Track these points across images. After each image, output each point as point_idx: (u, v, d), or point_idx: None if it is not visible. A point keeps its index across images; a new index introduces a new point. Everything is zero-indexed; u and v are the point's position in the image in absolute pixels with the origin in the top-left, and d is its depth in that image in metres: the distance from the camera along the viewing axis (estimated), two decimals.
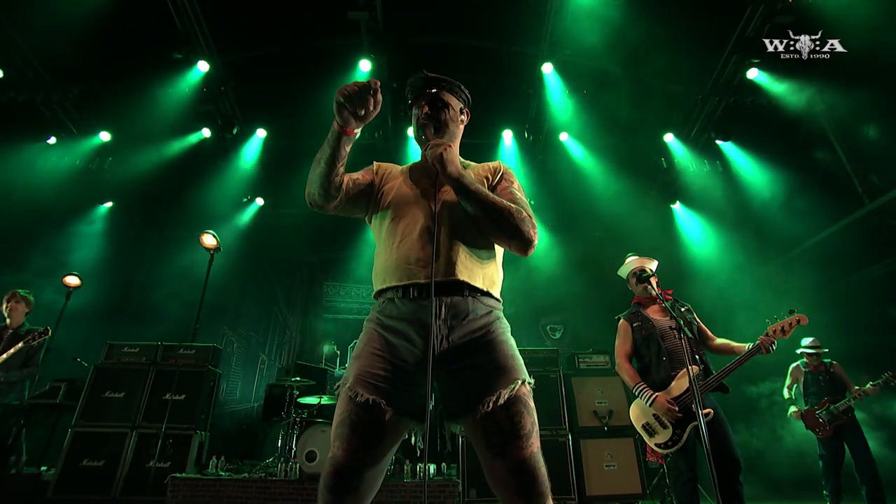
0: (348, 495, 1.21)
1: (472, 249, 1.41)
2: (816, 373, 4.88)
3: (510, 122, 8.19)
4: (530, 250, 1.40)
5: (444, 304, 1.33)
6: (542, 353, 4.97)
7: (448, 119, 1.59)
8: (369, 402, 1.25)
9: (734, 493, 2.36)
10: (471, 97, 1.73)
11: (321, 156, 1.42)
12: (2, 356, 3.35)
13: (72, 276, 5.90)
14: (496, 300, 1.46)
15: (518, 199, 1.48)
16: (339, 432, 1.25)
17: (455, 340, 1.32)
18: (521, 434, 1.21)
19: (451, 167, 1.39)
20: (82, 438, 4.37)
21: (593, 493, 4.38)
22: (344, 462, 1.22)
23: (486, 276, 1.43)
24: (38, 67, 6.67)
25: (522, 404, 1.25)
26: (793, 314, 2.66)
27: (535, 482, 1.17)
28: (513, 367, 1.30)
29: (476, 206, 1.37)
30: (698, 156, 7.93)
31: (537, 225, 1.45)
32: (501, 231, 1.38)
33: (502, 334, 1.38)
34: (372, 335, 1.38)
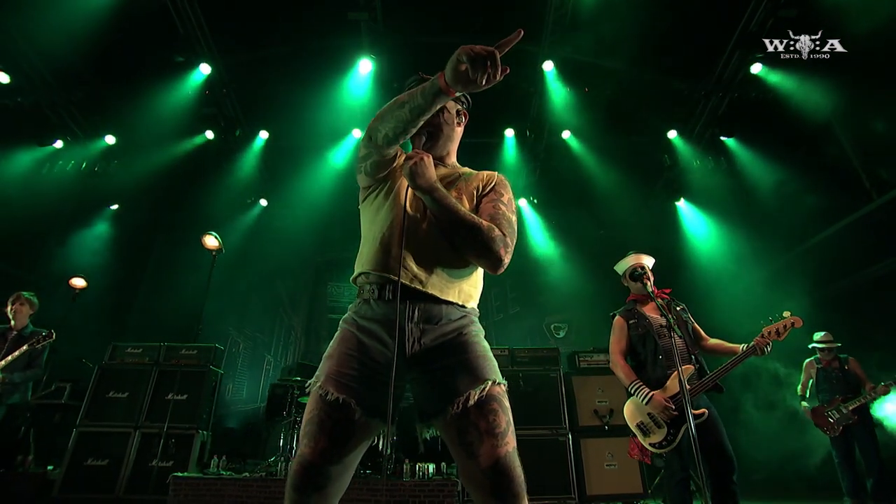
0: (315, 494, 1.21)
1: (447, 264, 1.39)
2: (829, 369, 4.78)
3: (511, 120, 8.16)
4: (500, 269, 1.37)
5: (418, 307, 1.34)
6: (542, 353, 4.95)
7: (442, 122, 1.59)
8: (339, 400, 1.25)
9: (729, 493, 2.33)
10: (470, 98, 1.69)
11: (411, 103, 1.32)
12: (7, 358, 3.40)
13: (78, 277, 6.00)
14: (470, 309, 1.45)
15: (499, 214, 1.44)
16: (308, 430, 1.26)
17: (427, 343, 1.32)
18: (496, 433, 1.20)
19: (421, 180, 1.35)
20: (87, 438, 4.43)
21: (594, 492, 4.36)
22: (311, 460, 1.22)
23: (462, 291, 1.42)
24: (43, 72, 6.75)
25: (497, 403, 1.24)
26: (788, 316, 2.63)
27: (510, 482, 1.16)
28: (484, 367, 1.30)
29: (445, 220, 1.36)
30: (702, 153, 7.85)
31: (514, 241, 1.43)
32: (469, 248, 1.36)
33: (474, 336, 1.38)
34: (346, 335, 1.38)
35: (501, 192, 1.52)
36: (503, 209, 1.46)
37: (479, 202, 1.51)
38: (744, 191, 7.66)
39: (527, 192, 9.31)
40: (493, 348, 4.62)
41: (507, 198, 1.53)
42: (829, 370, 4.76)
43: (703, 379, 2.57)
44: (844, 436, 4.47)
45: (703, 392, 2.58)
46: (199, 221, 7.81)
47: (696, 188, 8.06)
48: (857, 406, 4.44)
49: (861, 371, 4.69)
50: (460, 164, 1.67)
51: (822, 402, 4.67)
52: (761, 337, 2.62)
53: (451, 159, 1.67)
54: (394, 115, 1.36)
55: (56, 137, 7.30)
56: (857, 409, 4.45)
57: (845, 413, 4.45)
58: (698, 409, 2.49)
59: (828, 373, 4.75)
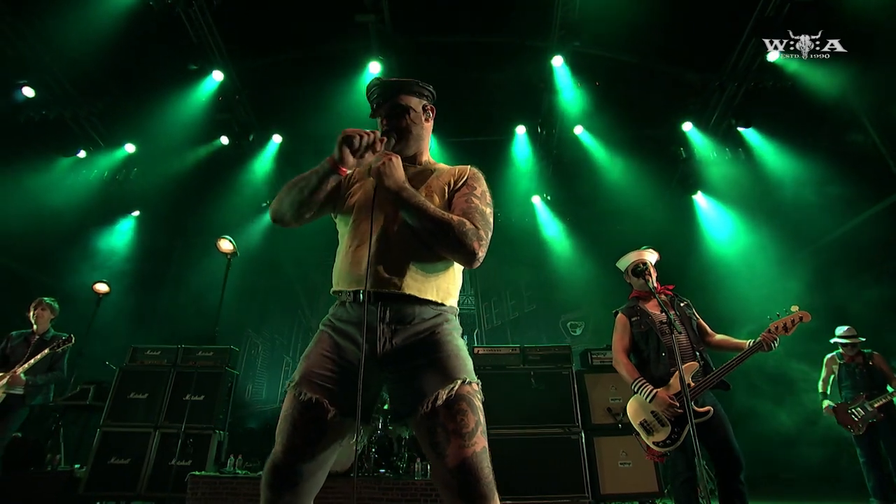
0: (287, 492, 1.23)
1: (422, 262, 1.39)
2: (853, 364, 4.61)
3: (523, 117, 8.13)
4: (475, 263, 1.36)
5: (390, 308, 1.34)
6: (553, 350, 4.90)
7: (409, 123, 1.57)
8: (312, 400, 1.27)
9: (736, 493, 2.27)
10: (434, 92, 1.68)
11: (304, 184, 1.42)
12: (30, 361, 3.54)
13: (101, 283, 6.19)
14: (448, 307, 1.44)
15: (472, 208, 1.43)
16: (282, 428, 1.29)
17: (398, 343, 1.32)
18: (463, 433, 1.18)
19: (389, 181, 1.37)
20: (110, 438, 4.56)
21: (608, 491, 4.29)
22: (283, 458, 1.24)
23: (440, 288, 1.41)
24: (66, 85, 7.00)
25: (466, 403, 1.23)
26: (795, 311, 2.55)
27: (476, 483, 1.14)
28: (454, 366, 1.29)
29: (415, 219, 1.35)
30: (719, 144, 7.67)
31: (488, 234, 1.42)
32: (442, 244, 1.36)
33: (447, 335, 1.36)
34: (322, 336, 1.41)
35: (474, 186, 1.50)
36: (476, 202, 1.45)
37: (451, 197, 1.49)
38: (763, 182, 7.45)
39: (540, 189, 9.24)
40: (505, 347, 4.64)
41: (479, 190, 1.51)
42: (853, 366, 4.59)
43: (707, 376, 2.51)
44: (869, 434, 4.31)
45: (710, 389, 2.52)
46: (217, 225, 7.99)
47: (713, 181, 7.88)
48: (882, 403, 4.27)
49: (887, 367, 4.51)
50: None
51: (846, 398, 4.51)
52: (768, 332, 2.55)
53: (423, 157, 1.65)
54: (290, 198, 1.45)
55: (79, 148, 7.58)
56: (882, 407, 4.28)
57: (870, 411, 4.29)
58: (703, 406, 2.44)
59: (851, 369, 4.59)
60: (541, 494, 4.18)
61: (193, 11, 6.06)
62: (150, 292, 8.27)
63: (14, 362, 3.59)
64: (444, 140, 8.48)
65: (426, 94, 1.65)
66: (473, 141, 8.67)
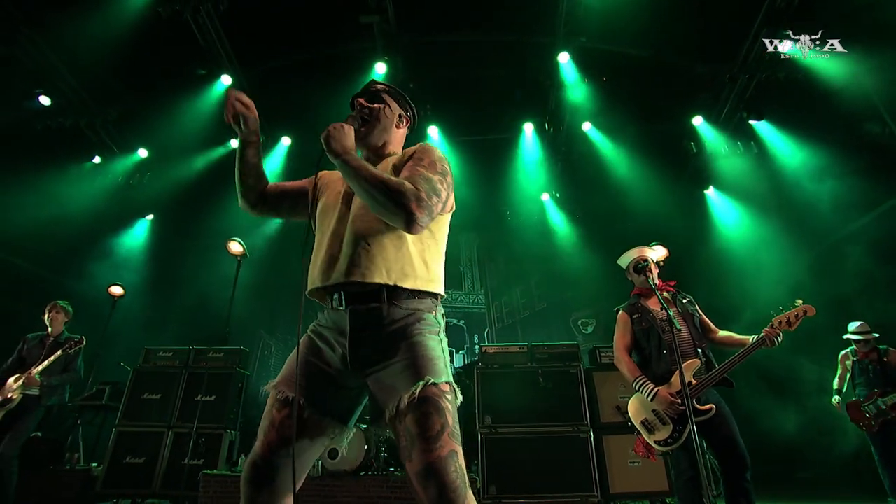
0: (266, 487, 1.24)
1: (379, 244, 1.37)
2: (866, 361, 4.51)
3: (530, 115, 8.09)
4: (414, 226, 1.29)
5: (358, 311, 1.34)
6: (561, 348, 4.87)
7: (380, 113, 1.59)
8: (289, 398, 1.30)
9: (742, 491, 2.23)
10: (415, 108, 1.73)
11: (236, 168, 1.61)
12: (44, 363, 3.63)
13: (116, 286, 6.33)
14: (421, 298, 1.39)
15: (415, 174, 1.37)
16: (262, 426, 1.32)
17: (369, 345, 1.33)
18: (427, 437, 1.15)
19: (336, 144, 1.34)
20: (125, 437, 4.66)
21: (617, 490, 4.25)
22: (261, 454, 1.27)
23: (419, 277, 1.38)
24: (81, 93, 7.17)
25: (431, 405, 1.19)
26: (799, 305, 2.50)
27: (441, 489, 1.10)
28: (422, 367, 1.25)
29: (355, 183, 1.32)
30: (731, 138, 7.55)
31: (433, 199, 1.33)
32: (379, 206, 1.29)
33: (419, 335, 1.32)
34: (306, 340, 1.44)
35: (421, 157, 1.46)
36: (421, 169, 1.39)
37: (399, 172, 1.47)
38: (776, 176, 7.31)
39: (549, 186, 9.19)
40: (513, 345, 4.62)
41: (427, 160, 1.44)
42: (866, 362, 4.49)
43: (709, 373, 2.47)
44: (883, 432, 4.21)
45: (713, 387, 2.48)
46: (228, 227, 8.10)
47: (725, 175, 7.76)
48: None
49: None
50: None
51: (859, 396, 4.40)
52: (771, 327, 2.50)
53: (388, 149, 1.63)
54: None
55: (94, 154, 7.76)
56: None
57: (884, 408, 4.19)
58: (706, 404, 2.40)
59: (864, 365, 4.49)
60: (549, 493, 4.16)
61: (201, 17, 6.15)
62: (163, 294, 8.41)
63: (30, 364, 3.69)
64: (452, 139, 8.48)
65: (408, 108, 1.69)
66: (481, 140, 8.66)
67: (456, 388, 1.31)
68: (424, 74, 7.54)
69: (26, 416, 3.59)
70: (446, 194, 1.42)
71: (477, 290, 10.45)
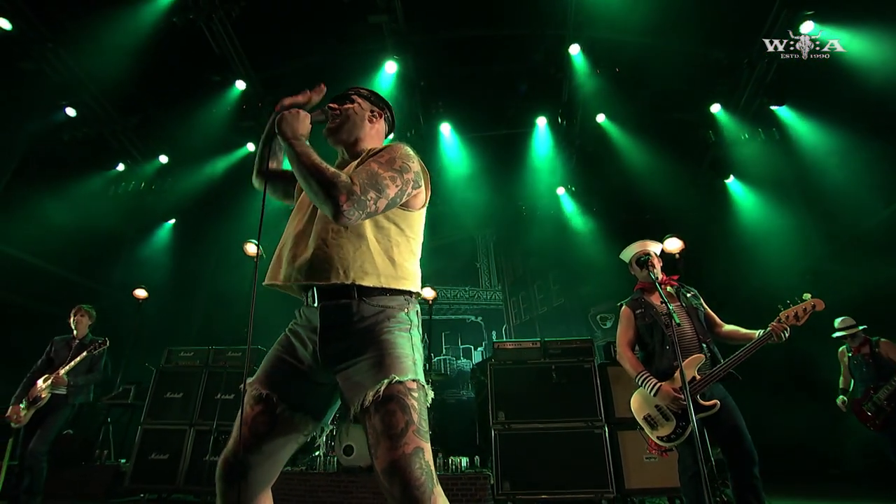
0: (237, 483, 1.27)
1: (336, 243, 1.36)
2: (860, 356, 4.36)
3: (543, 109, 8.00)
4: (341, 218, 1.26)
5: (328, 307, 1.35)
6: (575, 344, 4.83)
7: (350, 111, 1.61)
8: (262, 395, 1.33)
9: (749, 487, 2.18)
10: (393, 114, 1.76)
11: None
12: (70, 363, 3.80)
13: (140, 289, 6.55)
14: (393, 296, 1.38)
15: (363, 168, 1.35)
16: (236, 423, 1.33)
17: (338, 342, 1.33)
18: (391, 434, 1.16)
19: (287, 127, 1.34)
20: (150, 435, 4.83)
21: (633, 485, 4.20)
22: (232, 449, 1.29)
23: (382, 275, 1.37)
24: (104, 103, 7.42)
25: (396, 403, 1.20)
26: (807, 299, 2.41)
27: (405, 486, 1.10)
28: (389, 364, 1.26)
29: (296, 168, 1.30)
30: (751, 125, 7.32)
31: (368, 194, 1.29)
32: (313, 193, 1.28)
33: (388, 332, 1.32)
34: (282, 338, 1.47)
35: (382, 154, 1.44)
36: (374, 165, 1.37)
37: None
38: (800, 163, 7.04)
39: (564, 180, 9.10)
40: (526, 341, 4.59)
41: (386, 157, 1.41)
42: (860, 357, 4.34)
43: (714, 368, 2.41)
44: (887, 427, 4.06)
45: (719, 382, 2.42)
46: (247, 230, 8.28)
47: (747, 164, 7.52)
48: (890, 393, 3.98)
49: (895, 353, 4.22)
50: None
51: (859, 394, 4.26)
52: (778, 321, 2.42)
53: (361, 146, 1.63)
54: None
55: (118, 162, 8.02)
56: (892, 397, 3.98)
57: (880, 404, 4.03)
58: (710, 399, 2.35)
59: (859, 360, 4.35)
60: (564, 489, 4.14)
61: (214, 24, 6.29)
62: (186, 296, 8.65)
63: (58, 365, 3.86)
64: (465, 136, 8.47)
65: (381, 106, 1.71)
66: (494, 135, 8.61)
67: (425, 386, 1.31)
68: (435, 72, 7.54)
69: (55, 415, 3.76)
70: (396, 191, 1.36)
71: (494, 287, 10.42)
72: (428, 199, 1.56)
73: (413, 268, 1.48)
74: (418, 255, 1.53)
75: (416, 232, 1.53)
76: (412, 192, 1.44)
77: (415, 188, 1.45)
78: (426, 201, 1.55)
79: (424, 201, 1.54)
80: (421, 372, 1.33)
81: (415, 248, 1.51)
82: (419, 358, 1.35)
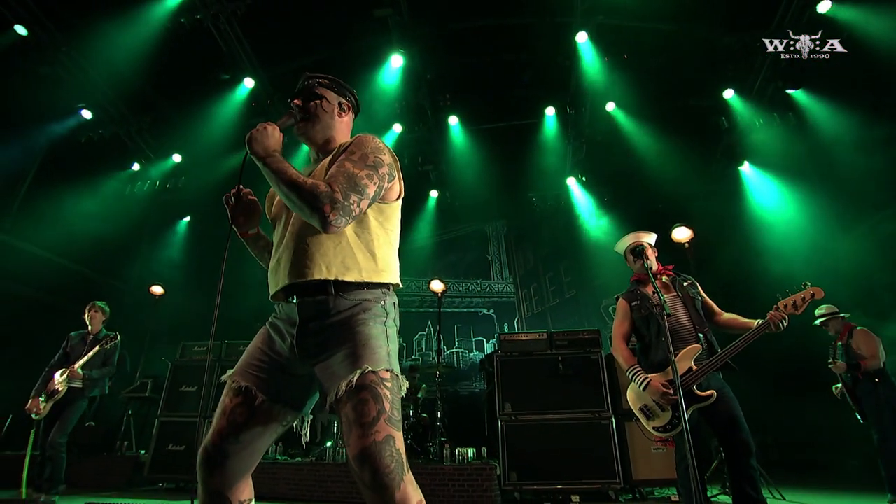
0: (216, 471, 1.30)
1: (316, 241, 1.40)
2: (841, 343, 4.31)
3: (551, 99, 7.91)
4: (329, 227, 1.29)
5: (305, 302, 1.38)
6: (582, 335, 4.80)
7: (318, 109, 1.59)
8: (241, 387, 1.36)
9: (746, 477, 2.15)
10: (357, 98, 1.72)
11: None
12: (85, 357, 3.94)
13: (156, 286, 6.71)
14: (370, 289, 1.41)
15: (338, 171, 1.36)
16: (215, 414, 1.38)
17: (312, 335, 1.36)
18: (363, 422, 1.19)
19: (257, 146, 1.36)
20: (167, 427, 4.98)
21: (641, 476, 4.18)
22: (210, 439, 1.33)
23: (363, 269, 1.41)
24: (118, 104, 7.60)
25: (368, 392, 1.23)
26: (806, 287, 2.35)
27: (374, 472, 1.14)
28: (362, 355, 1.28)
29: (275, 186, 1.34)
30: (766, 110, 7.12)
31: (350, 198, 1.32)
32: (297, 208, 1.32)
33: (362, 324, 1.35)
34: (262, 332, 1.50)
35: (352, 150, 1.44)
36: (346, 165, 1.38)
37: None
38: (817, 147, 6.85)
39: (574, 170, 9.00)
40: (532, 332, 4.58)
41: (358, 154, 1.42)
42: (841, 345, 4.28)
43: (710, 359, 2.38)
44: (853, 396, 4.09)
45: (716, 372, 2.39)
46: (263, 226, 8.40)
47: (762, 150, 7.33)
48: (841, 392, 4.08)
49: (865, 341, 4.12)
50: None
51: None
52: (776, 310, 2.37)
53: (333, 143, 1.63)
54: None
55: (133, 161, 8.20)
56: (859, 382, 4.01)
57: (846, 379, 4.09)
58: (707, 390, 2.31)
59: (842, 349, 4.28)
60: (571, 480, 4.14)
61: (221, 23, 6.37)
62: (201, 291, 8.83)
63: (74, 359, 4.01)
64: (471, 127, 8.43)
65: (345, 94, 1.68)
66: (502, 127, 8.56)
67: (399, 376, 1.33)
68: (441, 64, 7.51)
69: (72, 407, 3.90)
70: (375, 189, 1.39)
71: (506, 279, 10.40)
72: (402, 190, 1.58)
73: (392, 259, 1.51)
74: (396, 246, 1.56)
75: (394, 223, 1.55)
76: (387, 185, 1.47)
77: (389, 181, 1.47)
78: (401, 192, 1.57)
79: (399, 192, 1.56)
80: (395, 362, 1.35)
81: (392, 240, 1.54)
82: (394, 348, 1.38)
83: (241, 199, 1.61)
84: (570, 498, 4.09)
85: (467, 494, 4.09)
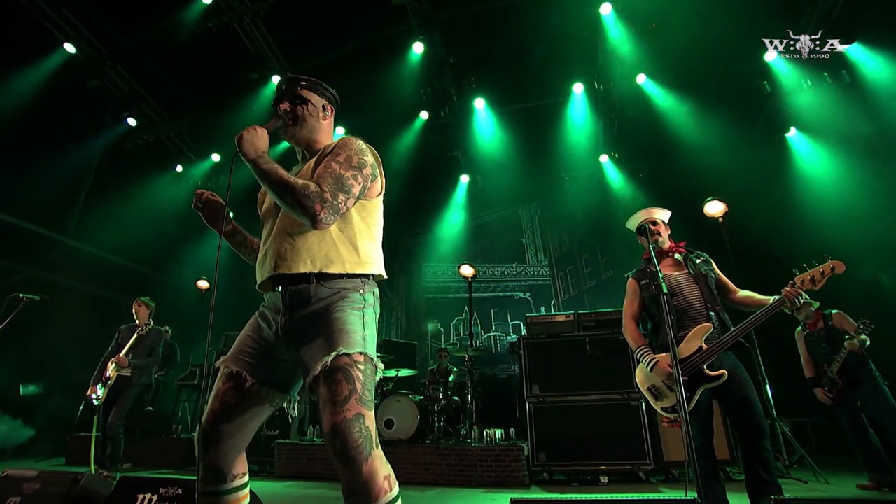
0: (212, 447, 1.42)
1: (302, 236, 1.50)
2: (815, 333, 4.03)
3: (578, 75, 7.67)
4: (318, 225, 1.41)
5: (289, 291, 1.48)
6: (610, 315, 4.71)
7: (306, 114, 1.67)
8: (233, 372, 1.47)
9: (758, 458, 2.07)
10: (338, 97, 1.79)
11: None
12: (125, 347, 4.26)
13: (202, 280, 7.11)
14: (350, 279, 1.50)
15: (325, 172, 1.47)
16: (209, 397, 1.50)
17: (297, 322, 1.46)
18: (335, 400, 1.29)
19: (248, 147, 1.44)
20: None
21: (672, 458, 4.10)
22: (206, 420, 1.44)
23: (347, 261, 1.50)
24: (160, 110, 8.05)
25: (341, 373, 1.33)
26: (827, 260, 2.20)
27: (343, 446, 1.24)
28: (337, 339, 1.38)
29: (266, 186, 1.43)
30: (814, 70, 6.59)
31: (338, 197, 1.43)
32: (288, 207, 1.42)
33: (340, 311, 1.44)
34: (252, 319, 1.60)
35: (338, 152, 1.54)
36: (333, 166, 1.48)
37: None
38: (877, 109, 6.28)
39: (606, 147, 8.71)
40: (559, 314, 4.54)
41: (343, 155, 1.52)
42: (816, 334, 4.00)
43: (721, 338, 2.28)
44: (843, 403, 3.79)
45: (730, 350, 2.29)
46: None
47: (810, 114, 6.79)
48: (840, 366, 3.74)
49: (847, 323, 3.84)
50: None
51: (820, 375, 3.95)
52: (791, 285, 2.23)
53: (318, 145, 1.71)
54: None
55: (176, 163, 8.67)
56: (842, 370, 3.74)
57: (833, 377, 3.77)
58: (718, 369, 2.23)
59: (815, 338, 4.00)
60: (601, 461, 4.11)
61: (247, 24, 6.58)
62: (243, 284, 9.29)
63: None
64: (498, 109, 8.32)
65: (328, 97, 1.76)
66: (530, 107, 8.39)
67: (374, 359, 1.43)
68: (464, 48, 7.43)
69: (125, 393, 4.25)
70: (360, 187, 1.51)
71: (541, 262, 10.29)
72: (384, 187, 1.67)
73: (374, 252, 1.60)
74: (379, 239, 1.66)
75: (375, 218, 1.65)
76: (370, 184, 1.57)
77: (372, 180, 1.59)
78: (382, 189, 1.67)
79: (380, 190, 1.66)
80: (372, 347, 1.45)
81: (375, 234, 1.64)
82: (370, 334, 1.48)
83: (207, 202, 1.74)
84: (598, 479, 4.06)
85: (495, 474, 4.15)
